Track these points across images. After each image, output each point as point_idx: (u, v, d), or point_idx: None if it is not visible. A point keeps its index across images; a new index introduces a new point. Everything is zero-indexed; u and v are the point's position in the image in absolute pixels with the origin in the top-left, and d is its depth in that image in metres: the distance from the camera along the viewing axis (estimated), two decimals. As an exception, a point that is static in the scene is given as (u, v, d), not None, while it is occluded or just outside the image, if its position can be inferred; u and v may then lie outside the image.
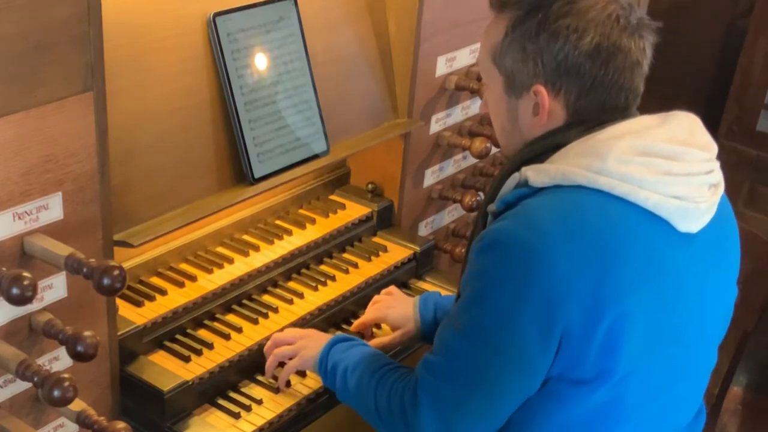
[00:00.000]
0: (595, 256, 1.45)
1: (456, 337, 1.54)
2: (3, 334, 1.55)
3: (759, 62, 4.14)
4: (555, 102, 1.58)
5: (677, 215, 1.50)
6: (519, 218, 1.50)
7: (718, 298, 1.63)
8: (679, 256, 1.52)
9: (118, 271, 1.44)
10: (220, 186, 2.00)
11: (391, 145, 2.40)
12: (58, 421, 1.70)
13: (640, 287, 1.47)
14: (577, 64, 1.54)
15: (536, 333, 1.46)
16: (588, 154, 1.51)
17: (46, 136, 1.52)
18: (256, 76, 2.04)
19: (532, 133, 1.62)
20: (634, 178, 1.48)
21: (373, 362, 1.74)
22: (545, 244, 1.45)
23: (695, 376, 1.65)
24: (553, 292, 1.44)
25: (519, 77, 1.59)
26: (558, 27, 1.54)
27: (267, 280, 2.15)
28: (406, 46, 2.32)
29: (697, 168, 1.53)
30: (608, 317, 1.45)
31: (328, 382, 1.82)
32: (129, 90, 1.82)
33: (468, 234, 2.54)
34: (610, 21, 1.54)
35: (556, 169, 1.52)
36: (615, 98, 1.57)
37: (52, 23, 1.47)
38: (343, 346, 1.82)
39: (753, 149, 4.19)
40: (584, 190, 1.49)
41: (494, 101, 1.68)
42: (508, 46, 1.59)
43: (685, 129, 1.56)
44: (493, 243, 1.50)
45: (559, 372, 1.50)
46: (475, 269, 1.53)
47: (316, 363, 1.82)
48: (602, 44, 1.53)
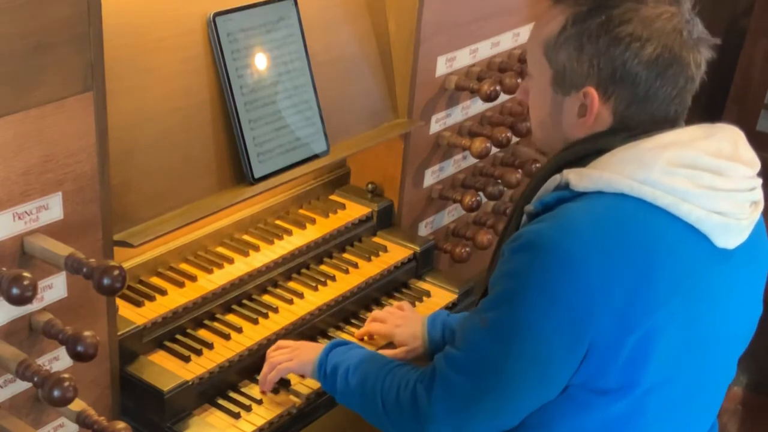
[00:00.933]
0: (630, 267, 1.43)
1: (481, 333, 1.51)
2: (3, 334, 1.55)
3: (759, 62, 4.14)
4: (604, 107, 1.54)
5: (718, 231, 1.48)
6: (558, 222, 1.47)
7: (745, 314, 1.61)
8: (713, 272, 1.50)
9: (118, 271, 1.44)
10: (220, 186, 2.00)
11: (391, 145, 2.40)
12: (58, 421, 1.70)
13: (672, 302, 1.45)
14: (633, 73, 1.50)
15: (563, 341, 1.44)
16: (633, 161, 1.48)
17: (46, 136, 1.52)
18: (256, 76, 2.04)
19: (574, 134, 1.59)
20: (678, 190, 1.46)
21: (376, 360, 1.73)
22: (582, 251, 1.42)
23: (715, 389, 1.64)
24: (585, 301, 1.42)
25: (570, 75, 1.55)
26: (620, 32, 1.50)
27: (267, 280, 2.15)
28: (406, 46, 2.32)
29: (741, 184, 1.51)
30: (639, 330, 1.43)
31: (327, 385, 1.80)
32: (129, 90, 1.82)
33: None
34: (674, 33, 1.51)
35: (600, 175, 1.48)
36: (665, 110, 1.55)
37: (52, 23, 1.47)
38: (343, 349, 1.81)
39: (753, 149, 4.19)
40: (626, 199, 1.46)
41: (537, 93, 1.63)
42: (565, 41, 1.54)
43: (731, 143, 1.54)
44: (529, 244, 1.47)
45: (582, 381, 1.48)
46: (508, 268, 1.50)
47: (315, 366, 1.82)
48: (663, 56, 1.50)
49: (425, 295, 2.31)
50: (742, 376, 3.49)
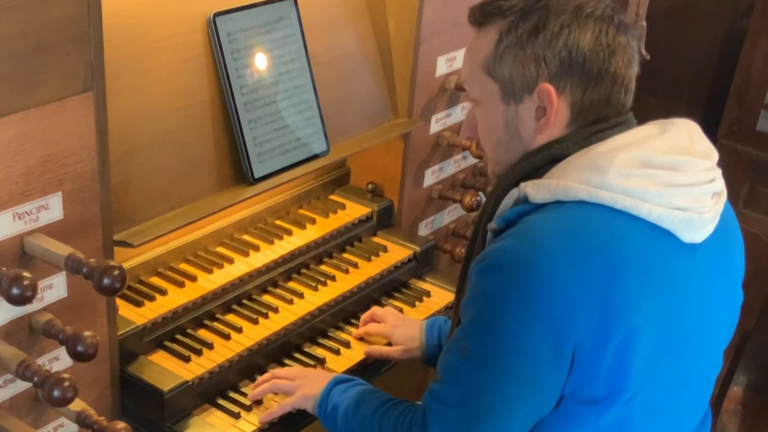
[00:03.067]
0: (600, 272, 1.42)
1: (463, 362, 1.49)
2: (3, 334, 1.55)
3: (759, 62, 4.14)
4: (560, 100, 1.54)
5: (681, 226, 1.48)
6: (521, 237, 1.46)
7: (725, 304, 1.61)
8: (684, 267, 1.50)
9: (118, 271, 1.44)
10: (220, 186, 2.00)
11: (391, 145, 2.40)
12: (58, 421, 1.70)
13: (647, 301, 1.45)
14: (581, 55, 1.51)
15: (547, 353, 1.43)
16: (588, 167, 1.47)
17: (46, 136, 1.52)
18: (256, 76, 2.04)
19: (535, 141, 1.57)
20: (636, 191, 1.45)
21: (374, 400, 1.71)
22: (550, 263, 1.41)
23: (701, 382, 1.64)
24: (562, 312, 1.41)
25: (520, 81, 1.54)
26: (555, 26, 1.52)
27: (267, 280, 2.15)
28: (406, 46, 2.32)
29: (700, 177, 1.51)
30: (618, 334, 1.42)
31: (328, 424, 1.78)
32: (129, 90, 1.82)
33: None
34: (605, 18, 1.54)
35: (557, 185, 1.47)
36: (618, 93, 1.55)
37: (52, 23, 1.47)
38: (343, 387, 1.78)
39: (753, 149, 4.19)
40: (586, 205, 1.46)
41: (488, 115, 1.61)
42: (504, 52, 1.55)
43: (684, 137, 1.54)
44: (495, 263, 1.45)
45: (571, 391, 1.47)
46: (478, 291, 1.48)
47: (316, 405, 1.80)
48: (601, 38, 1.52)
49: (425, 295, 2.31)
50: (742, 376, 3.49)
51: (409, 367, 2.29)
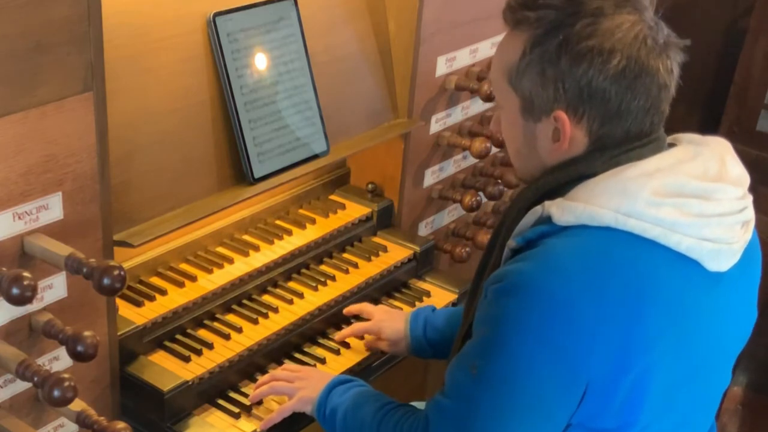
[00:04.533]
0: (621, 306, 1.38)
1: (471, 381, 1.46)
2: (3, 334, 1.55)
3: (759, 62, 4.14)
4: (576, 129, 1.48)
5: (709, 257, 1.44)
6: (542, 261, 1.41)
7: (740, 326, 1.58)
8: (705, 297, 1.46)
9: (118, 271, 1.44)
10: (220, 186, 2.00)
11: (391, 145, 2.40)
12: (58, 421, 1.70)
13: (665, 336, 1.41)
14: (602, 89, 1.44)
15: (558, 384, 1.40)
16: (617, 193, 1.41)
17: (46, 136, 1.52)
18: (256, 76, 2.04)
19: (552, 159, 1.52)
20: (666, 221, 1.40)
21: (374, 402, 1.69)
22: (569, 292, 1.37)
23: (712, 402, 1.62)
24: (578, 344, 1.38)
25: (538, 101, 1.49)
26: (581, 49, 1.43)
27: (267, 280, 2.15)
28: (406, 46, 2.32)
29: (730, 207, 1.47)
30: (635, 369, 1.40)
31: (327, 426, 1.77)
32: (129, 90, 1.82)
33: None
34: (637, 42, 1.44)
35: (584, 209, 1.42)
36: (640, 124, 1.48)
37: (52, 23, 1.47)
38: (342, 389, 1.77)
39: (753, 149, 4.18)
40: (612, 232, 1.41)
41: (509, 123, 1.57)
42: (526, 67, 1.48)
43: (717, 161, 1.49)
44: (513, 286, 1.41)
45: (580, 421, 1.45)
46: (494, 313, 1.44)
47: (315, 407, 1.78)
48: (629, 67, 1.43)
49: (425, 295, 2.31)
50: (742, 376, 3.48)
51: (409, 367, 2.29)
